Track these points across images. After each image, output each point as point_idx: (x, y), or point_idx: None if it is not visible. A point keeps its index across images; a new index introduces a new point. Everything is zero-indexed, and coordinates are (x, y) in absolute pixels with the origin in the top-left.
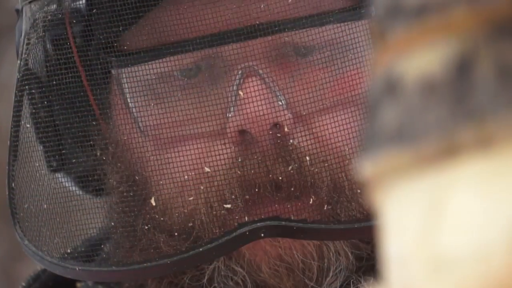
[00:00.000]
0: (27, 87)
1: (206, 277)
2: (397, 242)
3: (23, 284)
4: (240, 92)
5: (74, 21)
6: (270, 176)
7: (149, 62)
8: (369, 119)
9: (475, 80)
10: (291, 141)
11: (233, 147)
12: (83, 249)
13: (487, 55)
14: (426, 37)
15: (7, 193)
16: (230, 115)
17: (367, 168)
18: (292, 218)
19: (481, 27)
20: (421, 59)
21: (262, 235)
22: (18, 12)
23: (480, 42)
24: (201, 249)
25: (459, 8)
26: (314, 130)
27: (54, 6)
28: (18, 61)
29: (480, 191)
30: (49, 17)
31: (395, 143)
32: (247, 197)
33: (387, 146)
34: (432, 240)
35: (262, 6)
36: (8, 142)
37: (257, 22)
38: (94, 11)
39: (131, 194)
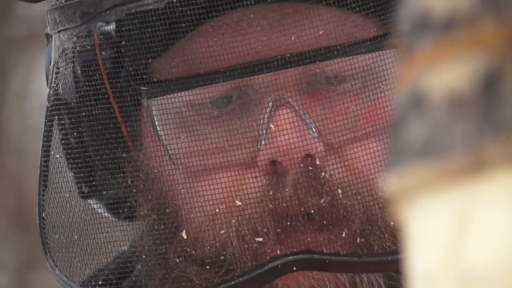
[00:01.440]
0: (56, 116)
1: None
2: (423, 258)
3: None
4: (271, 124)
5: (104, 47)
6: (302, 208)
7: (179, 93)
8: (394, 134)
9: (503, 95)
10: (322, 174)
11: (264, 179)
12: (112, 277)
13: None
14: (453, 51)
15: (37, 222)
16: (261, 146)
17: (392, 183)
18: (325, 251)
19: (509, 41)
20: (448, 73)
21: (295, 268)
22: (48, 36)
23: (508, 57)
24: (233, 283)
25: (486, 22)
26: (346, 161)
27: (83, 35)
28: (48, 89)
29: (507, 207)
30: (78, 47)
31: (421, 157)
32: (279, 230)
33: (413, 161)
34: (459, 256)
35: (293, 38)
36: (38, 171)
37: (288, 54)
38: (123, 40)
39: (162, 226)
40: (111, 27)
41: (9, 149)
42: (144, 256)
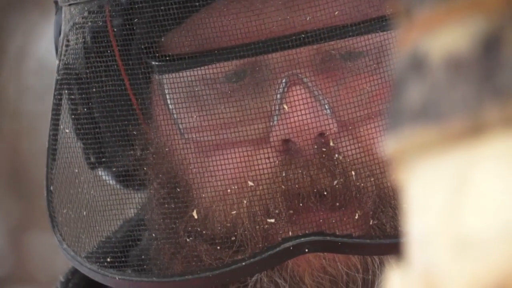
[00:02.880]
0: (66, 89)
1: None
2: (421, 221)
3: (62, 279)
4: (284, 103)
5: (115, 22)
6: (315, 188)
7: (193, 69)
8: (394, 96)
9: (502, 59)
10: (336, 155)
11: (276, 158)
12: (120, 254)
13: None
14: (453, 15)
15: (45, 195)
16: (274, 124)
17: (391, 145)
18: (337, 232)
19: (508, 5)
20: (447, 36)
21: (306, 250)
22: (57, 4)
23: (507, 20)
24: (244, 264)
25: None
26: (360, 142)
27: (94, 11)
28: (57, 62)
29: (505, 171)
30: (89, 22)
31: (420, 120)
32: (291, 211)
33: (412, 123)
34: (456, 219)
35: (308, 19)
36: (47, 144)
37: (303, 32)
38: (135, 17)
39: (173, 205)
40: (123, 2)
41: (5, 111)
42: (153, 231)
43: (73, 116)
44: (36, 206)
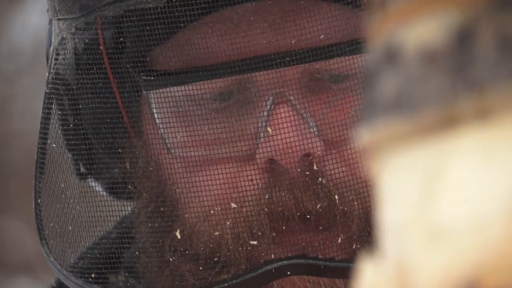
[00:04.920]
0: (55, 101)
1: None
2: (394, 211)
3: (53, 284)
4: (270, 124)
5: (104, 29)
6: (299, 210)
7: (178, 85)
8: (368, 88)
9: (476, 51)
10: (320, 179)
11: (260, 180)
12: (104, 271)
13: (488, 26)
14: (427, 6)
15: (33, 206)
16: (260, 143)
17: (365, 136)
18: (320, 256)
19: None
20: (421, 28)
21: (289, 273)
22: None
23: (482, 12)
24: (226, 284)
25: None
26: (345, 162)
27: (81, 28)
28: (47, 74)
29: (478, 162)
30: (76, 38)
31: (394, 111)
32: (274, 234)
33: (385, 115)
34: (430, 209)
35: (293, 42)
36: (35, 156)
37: (289, 52)
38: (121, 36)
39: (156, 224)
40: (110, 19)
41: None
42: (140, 246)
43: (63, 127)
44: (8, 190)
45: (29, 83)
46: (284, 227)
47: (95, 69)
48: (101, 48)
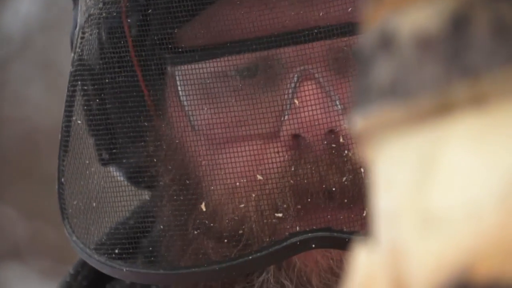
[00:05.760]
0: (80, 81)
1: None
2: (388, 197)
3: (71, 271)
4: (296, 98)
5: (130, 14)
6: (323, 185)
7: (205, 61)
8: (362, 74)
9: (471, 37)
10: (345, 151)
11: (286, 153)
12: (128, 246)
13: (483, 12)
14: None
15: (56, 187)
16: (285, 119)
17: (359, 122)
18: (344, 229)
19: None
20: (416, 14)
21: (313, 245)
22: (74, 0)
23: None
24: (250, 257)
25: None
26: None
27: (109, 1)
28: (72, 54)
29: (472, 148)
30: (104, 13)
31: (388, 98)
32: (299, 206)
33: (380, 101)
34: (424, 196)
35: (321, 14)
36: (59, 136)
37: (316, 27)
38: (149, 8)
39: (182, 197)
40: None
41: None
42: (163, 224)
43: (86, 111)
44: None
45: (20, 69)
46: (309, 201)
47: (118, 48)
48: (124, 26)
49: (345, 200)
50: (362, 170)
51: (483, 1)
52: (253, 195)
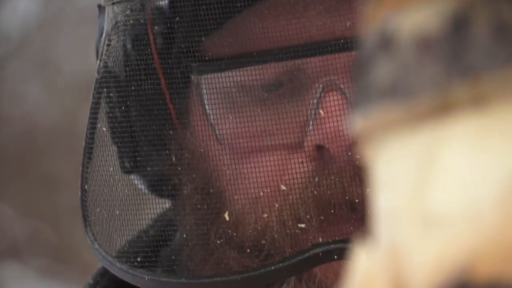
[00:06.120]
0: (105, 88)
1: None
2: (388, 198)
3: (90, 281)
4: (320, 110)
5: (156, 22)
6: (346, 197)
7: (231, 71)
8: (362, 74)
9: (471, 37)
10: None
11: (309, 164)
12: (151, 254)
13: (483, 12)
14: None
15: (79, 194)
16: (309, 130)
17: (359, 122)
18: None
19: None
20: (416, 14)
21: (335, 257)
22: (100, 7)
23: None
24: (272, 268)
25: None
26: None
27: (136, 9)
28: (98, 61)
29: (473, 149)
30: (131, 20)
31: (388, 98)
32: (322, 217)
33: (380, 101)
34: (423, 196)
35: (348, 24)
36: (83, 143)
37: (342, 36)
38: (176, 16)
39: (205, 207)
40: (165, 2)
41: None
42: (185, 233)
43: (110, 119)
44: None
45: (18, 67)
46: (332, 212)
47: (143, 56)
48: (149, 35)
49: (368, 212)
50: None
51: (483, 2)
52: (276, 205)
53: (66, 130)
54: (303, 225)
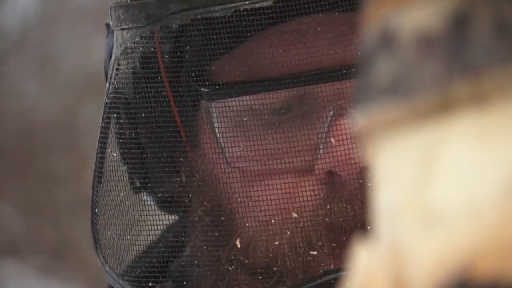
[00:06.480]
0: (115, 113)
1: None
2: (388, 195)
3: None
4: (331, 135)
5: (166, 49)
6: (358, 223)
7: (240, 97)
8: (363, 72)
9: (472, 35)
10: None
11: (321, 190)
12: (162, 279)
13: (484, 11)
14: None
15: (89, 216)
16: (319, 155)
17: (360, 120)
18: None
19: None
20: (418, 12)
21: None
22: (108, 26)
23: None
24: None
25: None
26: None
27: (146, 36)
28: (107, 84)
29: (473, 147)
30: (141, 47)
31: (389, 96)
32: (334, 244)
33: (381, 99)
34: (424, 194)
35: (359, 53)
36: (93, 166)
37: (353, 64)
38: (186, 45)
39: (216, 233)
40: (174, 29)
41: None
42: (196, 258)
43: (120, 140)
44: None
45: (17, 64)
46: (343, 238)
47: (153, 82)
48: (159, 61)
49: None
50: None
51: (484, 0)
52: (288, 232)
53: (66, 126)
54: (315, 252)
